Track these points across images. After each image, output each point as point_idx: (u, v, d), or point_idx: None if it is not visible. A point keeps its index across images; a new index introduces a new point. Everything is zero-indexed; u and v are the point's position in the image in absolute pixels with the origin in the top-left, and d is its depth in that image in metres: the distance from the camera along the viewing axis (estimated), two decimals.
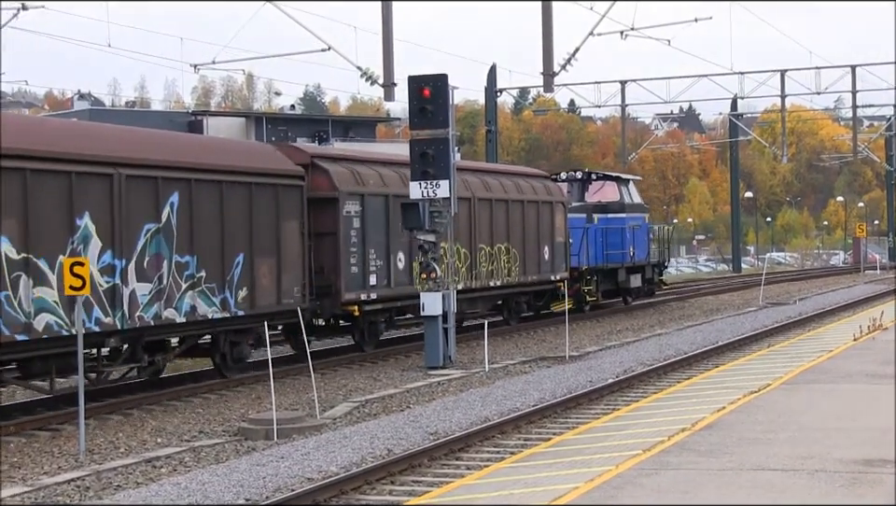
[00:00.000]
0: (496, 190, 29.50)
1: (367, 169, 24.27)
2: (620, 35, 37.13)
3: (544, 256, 31.43)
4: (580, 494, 10.07)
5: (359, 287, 23.16)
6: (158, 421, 16.97)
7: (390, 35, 25.75)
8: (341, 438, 14.83)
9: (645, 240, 38.34)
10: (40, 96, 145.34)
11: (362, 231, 23.26)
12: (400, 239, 24.31)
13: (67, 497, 12.08)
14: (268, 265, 20.73)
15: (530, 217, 30.83)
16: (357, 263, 23.06)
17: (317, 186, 22.65)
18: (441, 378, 21.07)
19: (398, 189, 24.11)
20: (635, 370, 21.38)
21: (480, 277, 27.92)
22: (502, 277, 29.23)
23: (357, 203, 23.16)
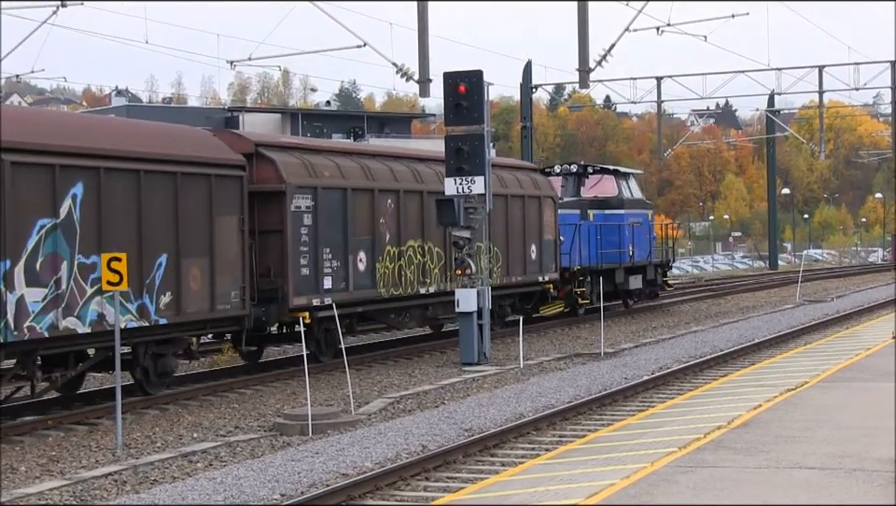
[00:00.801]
0: (511, 186, 27.94)
1: (322, 159, 21.98)
2: (656, 32, 36.92)
3: (531, 255, 28.88)
4: (615, 491, 10.03)
5: (311, 290, 20.84)
6: (194, 416, 17.06)
7: (426, 32, 25.75)
8: (375, 434, 14.85)
9: (646, 239, 35.63)
10: (79, 93, 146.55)
11: (315, 228, 20.97)
12: (361, 237, 22.26)
13: (104, 490, 12.16)
14: (199, 267, 18.29)
15: (515, 214, 28.30)
16: (308, 265, 20.81)
17: (263, 178, 20.43)
18: (476, 374, 21.06)
19: (358, 182, 22.31)
20: (670, 367, 21.28)
21: (455, 279, 24.94)
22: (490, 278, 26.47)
23: (308, 198, 20.89)
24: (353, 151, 23.95)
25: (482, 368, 21.99)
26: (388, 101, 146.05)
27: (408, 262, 23.53)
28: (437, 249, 24.72)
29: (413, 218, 23.98)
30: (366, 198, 22.52)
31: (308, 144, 23.33)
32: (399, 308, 23.82)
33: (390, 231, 23.09)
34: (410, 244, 23.46)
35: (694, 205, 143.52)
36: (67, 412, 16.98)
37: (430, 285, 24.32)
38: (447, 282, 24.84)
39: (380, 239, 22.67)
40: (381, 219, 22.75)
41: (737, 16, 38.90)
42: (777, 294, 45.41)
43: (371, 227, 22.55)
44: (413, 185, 24.06)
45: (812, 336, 26.63)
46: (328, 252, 21.30)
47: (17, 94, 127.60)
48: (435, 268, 24.62)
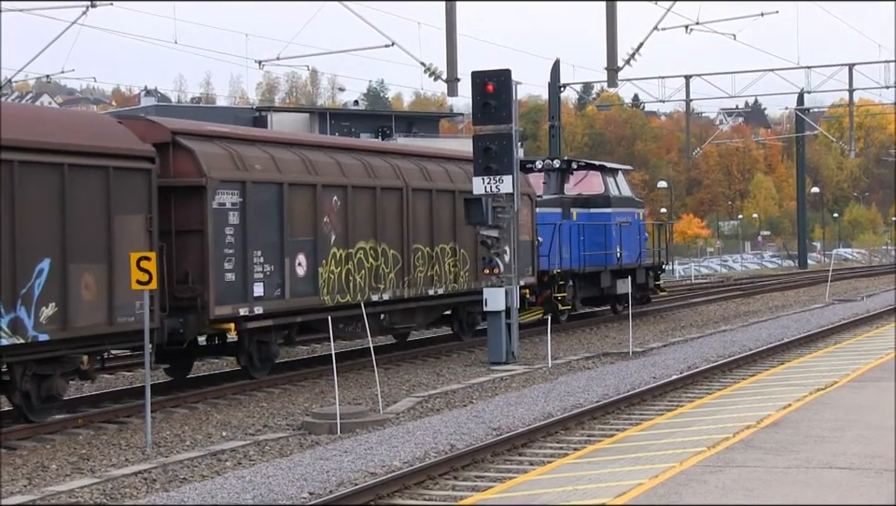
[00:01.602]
0: (439, 179, 24.18)
1: (255, 150, 19.61)
2: (684, 30, 36.79)
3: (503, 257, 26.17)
4: (644, 490, 10.00)
5: (238, 299, 18.35)
6: (223, 415, 17.12)
7: (454, 31, 25.75)
8: (404, 433, 14.86)
9: (636, 239, 32.81)
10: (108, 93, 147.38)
11: (243, 228, 18.48)
12: (301, 239, 19.79)
13: (134, 489, 12.22)
14: (93, 274, 15.86)
15: None
16: (234, 269, 18.28)
17: (181, 170, 17.95)
18: (504, 374, 21.05)
19: (297, 176, 19.94)
20: (699, 366, 21.20)
21: (415, 284, 22.91)
22: (447, 284, 23.99)
23: (235, 193, 18.40)
24: (293, 142, 21.35)
25: (510, 367, 21.98)
26: (416, 100, 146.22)
27: (357, 266, 21.06)
28: (392, 252, 22.23)
29: (364, 217, 21.49)
30: (307, 194, 20.04)
31: (238, 133, 20.61)
32: (347, 317, 20.96)
33: (336, 231, 20.66)
34: (360, 245, 21.13)
35: (723, 204, 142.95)
36: (97, 410, 17.07)
37: (385, 291, 21.87)
38: (404, 287, 22.55)
39: (324, 240, 20.23)
40: (325, 218, 20.35)
41: (767, 14, 38.71)
42: (806, 293, 45.16)
43: (312, 227, 20.09)
44: (364, 180, 21.60)
45: (842, 336, 26.46)
46: (259, 255, 18.83)
47: (47, 94, 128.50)
48: (390, 272, 22.11)
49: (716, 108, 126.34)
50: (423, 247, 23.27)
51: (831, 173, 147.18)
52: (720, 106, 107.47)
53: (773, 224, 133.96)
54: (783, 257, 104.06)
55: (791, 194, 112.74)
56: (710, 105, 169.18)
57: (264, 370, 19.77)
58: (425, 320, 24.56)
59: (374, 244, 21.67)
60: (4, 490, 12.30)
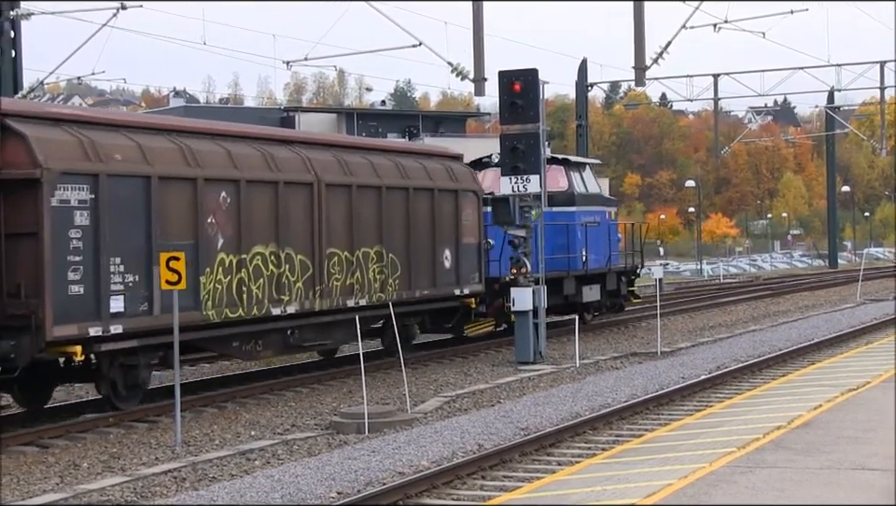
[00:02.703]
0: (360, 173, 21.07)
1: (115, 137, 16.42)
2: (713, 28, 36.65)
3: (443, 263, 23.17)
4: (673, 491, 9.97)
5: (88, 316, 15.34)
6: (251, 414, 17.18)
7: (481, 30, 25.72)
8: (431, 432, 14.87)
9: (605, 241, 29.17)
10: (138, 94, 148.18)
11: (95, 230, 15.48)
12: (176, 242, 16.60)
13: (164, 487, 12.29)
14: None
15: (420, 211, 22.56)
16: (82, 280, 15.27)
17: (11, 160, 15.05)
18: (532, 373, 21.03)
19: (170, 168, 16.82)
20: (728, 366, 21.12)
21: (330, 295, 19.85)
22: (371, 294, 20.90)
23: (84, 189, 15.40)
24: (168, 128, 17.89)
25: (537, 367, 21.96)
26: (443, 100, 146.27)
27: (254, 275, 18.06)
28: (300, 257, 19.21)
29: (262, 217, 18.48)
30: (185, 190, 17.00)
31: (95, 116, 17.38)
32: (243, 334, 18.21)
33: (225, 233, 17.62)
34: (257, 250, 18.12)
35: (752, 203, 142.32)
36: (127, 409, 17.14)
37: (290, 303, 18.89)
38: (316, 299, 19.52)
39: (207, 244, 17.21)
40: (209, 218, 17.35)
41: (796, 12, 38.49)
42: (837, 293, 44.88)
43: (192, 228, 17.04)
44: (262, 173, 18.62)
45: (874, 336, 26.27)
46: (118, 263, 15.80)
47: (78, 96, 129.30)
48: (298, 281, 19.11)
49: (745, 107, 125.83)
50: (340, 252, 20.16)
51: (861, 171, 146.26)
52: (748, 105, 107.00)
53: (803, 223, 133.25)
54: (813, 256, 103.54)
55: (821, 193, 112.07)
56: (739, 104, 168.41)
57: (132, 399, 16.71)
58: (346, 336, 21.02)
59: (276, 248, 18.62)
60: (37, 488, 12.40)
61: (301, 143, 20.54)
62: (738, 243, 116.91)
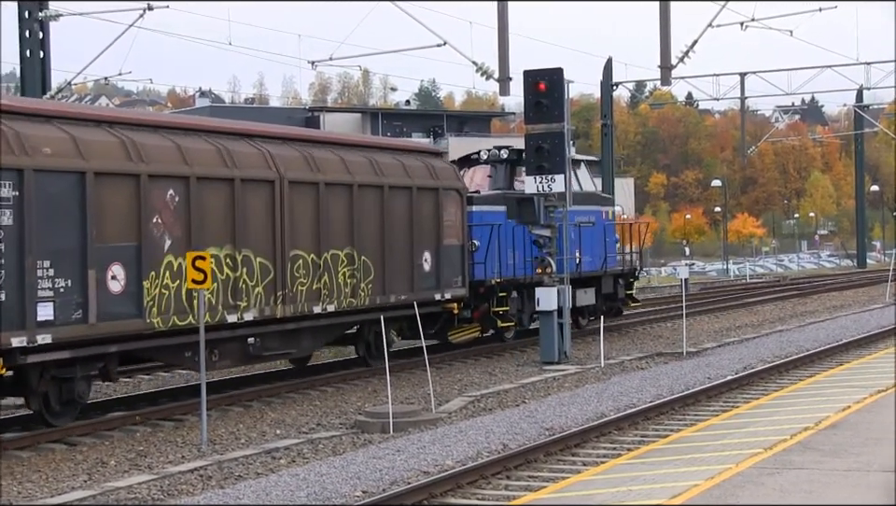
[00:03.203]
0: (329, 170, 19.64)
1: (46, 129, 15.05)
2: (740, 27, 36.51)
3: (422, 266, 21.72)
4: (699, 491, 9.95)
5: (11, 324, 14.06)
6: (277, 413, 17.25)
7: (506, 30, 25.72)
8: (456, 432, 14.89)
9: (601, 242, 27.75)
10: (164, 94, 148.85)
11: (19, 230, 14.21)
12: (116, 244, 15.46)
13: (190, 485, 12.36)
14: None
15: (397, 211, 21.17)
16: (2, 285, 14.01)
17: None
18: (557, 373, 21.02)
19: (109, 163, 15.46)
20: (754, 367, 21.04)
21: (295, 300, 18.50)
22: (340, 299, 19.62)
23: (7, 185, 14.16)
24: (109, 119, 16.44)
25: (562, 367, 21.94)
26: (468, 99, 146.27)
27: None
28: (260, 260, 17.88)
29: (216, 217, 17.16)
30: (126, 187, 15.67)
31: (21, 106, 15.56)
32: (194, 344, 15.94)
33: (172, 234, 16.33)
34: (211, 252, 16.37)
35: (779, 203, 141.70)
36: (154, 407, 17.26)
37: (248, 309, 17.52)
38: (278, 304, 18.13)
39: (152, 246, 15.92)
40: (155, 218, 16.05)
41: (824, 10, 38.29)
42: (865, 293, 44.62)
43: (135, 229, 15.74)
44: (216, 170, 17.25)
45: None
46: (46, 266, 14.53)
47: (105, 96, 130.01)
48: (257, 286, 17.78)
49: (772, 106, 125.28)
50: (305, 254, 18.79)
51: (891, 170, 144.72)
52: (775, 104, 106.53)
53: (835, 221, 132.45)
54: (841, 256, 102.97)
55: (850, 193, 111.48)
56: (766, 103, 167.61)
57: (67, 415, 15.55)
58: (315, 344, 20.19)
59: (232, 250, 17.28)
60: (66, 485, 12.49)
61: (263, 137, 19.06)
62: (765, 243, 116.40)
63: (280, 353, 19.16)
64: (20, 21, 25.71)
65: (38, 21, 25.64)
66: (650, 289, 55.24)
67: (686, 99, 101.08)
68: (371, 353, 21.36)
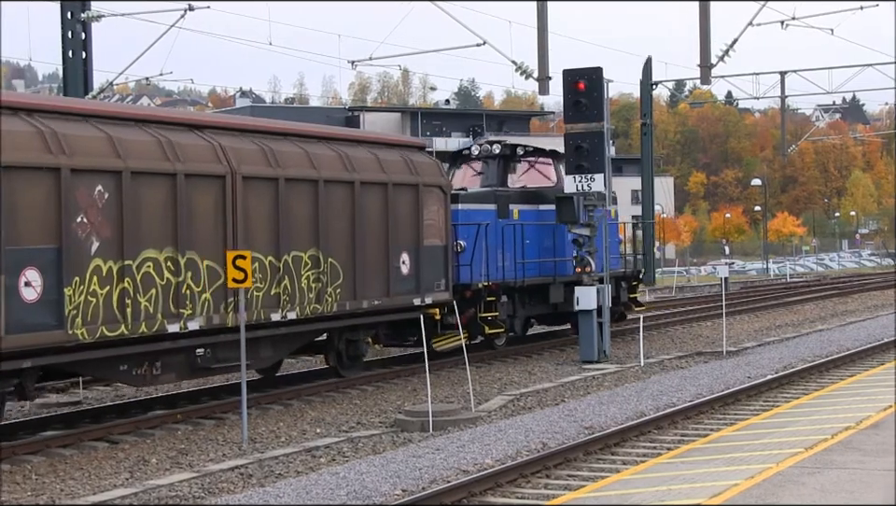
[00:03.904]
0: (291, 164, 17.91)
1: None
2: (780, 26, 36.27)
3: (400, 269, 20.02)
4: (740, 491, 9.87)
5: None
6: (317, 412, 17.28)
7: (545, 29, 25.66)
8: (495, 431, 14.86)
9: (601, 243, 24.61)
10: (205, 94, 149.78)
11: None
12: (30, 247, 13.81)
13: (231, 483, 12.40)
14: None
15: (370, 209, 19.44)
16: None
17: None
18: (596, 372, 20.94)
19: (24, 156, 13.82)
20: (795, 366, 20.87)
21: (250, 307, 16.72)
22: (304, 305, 17.86)
23: None
24: (22, 106, 14.50)
25: (602, 366, 21.87)
26: (507, 99, 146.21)
27: (143, 284, 15.02)
28: (207, 263, 16.13)
29: (155, 215, 15.43)
30: (43, 182, 13.98)
31: None
32: (132, 356, 15.22)
33: (101, 235, 14.66)
34: (148, 255, 15.11)
35: (819, 202, 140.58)
36: (195, 406, 17.34)
37: (193, 317, 15.85)
38: (230, 312, 16.36)
39: (76, 249, 14.29)
40: (80, 217, 14.39)
41: (865, 8, 37.93)
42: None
43: (54, 229, 14.05)
44: (154, 163, 15.48)
45: None
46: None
47: (146, 96, 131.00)
48: (204, 292, 16.05)
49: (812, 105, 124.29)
50: (262, 257, 17.08)
51: None
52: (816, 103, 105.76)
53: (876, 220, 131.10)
54: (882, 255, 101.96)
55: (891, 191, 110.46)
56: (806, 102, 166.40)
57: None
58: (275, 354, 18.39)
59: (174, 252, 15.59)
60: (108, 482, 12.57)
61: (214, 128, 17.21)
62: (805, 242, 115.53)
63: (234, 365, 16.65)
64: (62, 22, 25.94)
65: (80, 21, 25.86)
66: (689, 289, 54.99)
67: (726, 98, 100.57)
68: (342, 363, 19.64)
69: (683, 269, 72.34)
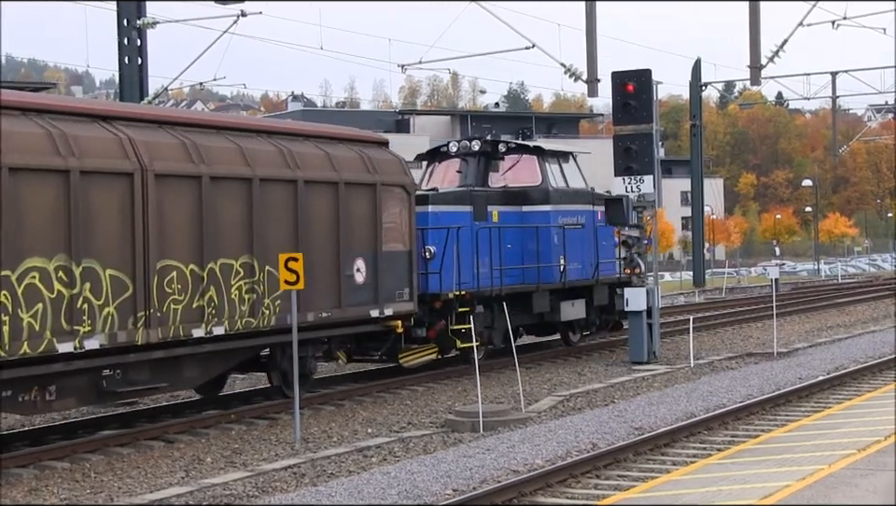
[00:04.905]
0: (219, 160, 15.75)
1: None
2: (831, 25, 35.89)
3: (353, 277, 17.91)
4: (791, 492, 9.79)
5: None
6: (368, 412, 17.34)
7: (594, 32, 25.59)
8: (545, 431, 14.84)
9: (592, 247, 23.71)
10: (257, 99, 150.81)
11: None
12: None
13: (284, 482, 12.48)
14: None
15: (317, 211, 17.32)
16: None
17: None
18: (646, 373, 20.85)
19: None
20: (846, 367, 20.65)
21: (164, 322, 14.69)
22: (234, 319, 15.74)
23: None
24: None
25: (651, 367, 21.77)
26: (556, 101, 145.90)
27: (25, 298, 12.99)
28: (111, 272, 14.01)
29: (42, 219, 13.36)
30: None
31: None
32: (13, 381, 13.23)
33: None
34: (32, 264, 13.12)
35: (871, 202, 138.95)
36: (248, 406, 17.46)
37: (92, 335, 13.75)
38: (140, 328, 14.28)
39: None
40: None
41: None
42: None
43: None
44: (41, 158, 13.41)
45: None
46: None
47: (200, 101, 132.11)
48: (107, 305, 13.94)
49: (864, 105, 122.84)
50: (182, 265, 14.99)
51: None
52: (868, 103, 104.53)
53: None
54: None
55: None
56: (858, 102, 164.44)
57: None
58: (203, 374, 16.24)
59: (67, 261, 13.53)
60: (164, 481, 12.70)
61: (123, 119, 15.02)
62: (857, 242, 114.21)
63: (149, 387, 15.10)
64: (118, 28, 26.27)
65: (136, 28, 26.16)
66: (739, 290, 54.57)
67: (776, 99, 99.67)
68: (287, 381, 16.76)
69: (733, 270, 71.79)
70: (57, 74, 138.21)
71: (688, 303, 42.63)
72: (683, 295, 49.34)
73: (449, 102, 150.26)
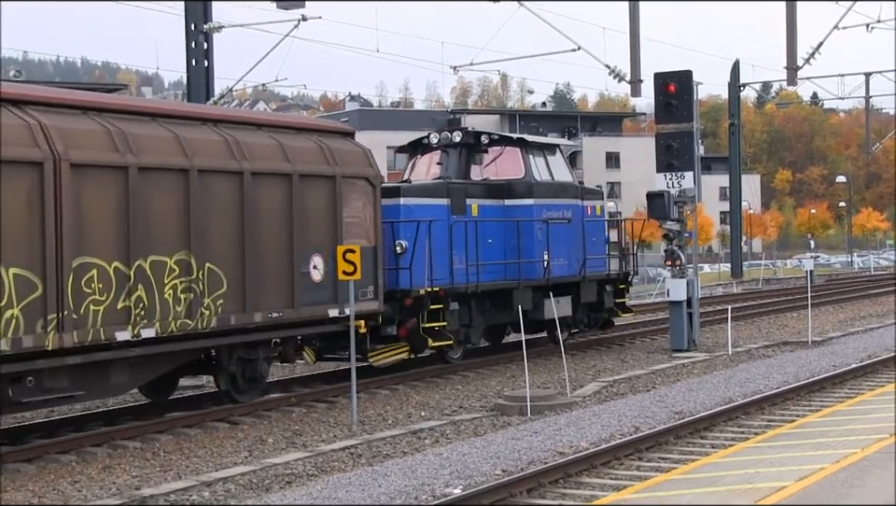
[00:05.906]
0: (150, 150, 13.80)
1: None
2: (865, 28, 35.41)
3: (309, 274, 16.06)
4: (825, 474, 9.69)
5: None
6: (421, 396, 17.36)
7: (637, 34, 25.42)
8: (590, 415, 14.78)
9: (578, 243, 21.71)
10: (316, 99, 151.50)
11: None
12: None
13: (342, 462, 12.53)
14: None
15: (266, 204, 15.38)
16: None
17: None
18: (686, 360, 20.71)
19: None
20: (879, 355, 20.38)
21: (82, 325, 12.79)
22: (166, 321, 13.86)
23: None
24: None
25: (691, 354, 21.63)
26: (600, 101, 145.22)
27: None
28: (15, 271, 12.12)
29: None
30: None
31: None
32: None
33: None
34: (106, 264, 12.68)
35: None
36: (308, 390, 17.54)
37: None
38: (51, 331, 12.40)
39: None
40: None
41: None
42: None
43: None
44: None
45: None
46: None
47: (262, 101, 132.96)
48: (11, 308, 12.03)
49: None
50: (104, 263, 13.11)
51: None
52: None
53: None
54: None
55: None
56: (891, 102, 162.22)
57: None
58: (136, 378, 14.42)
59: None
60: (228, 460, 12.79)
61: (35, 104, 13.02)
62: (889, 236, 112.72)
63: (66, 396, 13.26)
64: (186, 33, 26.49)
65: (203, 32, 26.36)
66: (775, 281, 54.07)
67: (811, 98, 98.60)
68: (237, 386, 15.79)
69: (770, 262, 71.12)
70: (129, 76, 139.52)
71: (726, 294, 42.30)
72: (721, 286, 48.95)
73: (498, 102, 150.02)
